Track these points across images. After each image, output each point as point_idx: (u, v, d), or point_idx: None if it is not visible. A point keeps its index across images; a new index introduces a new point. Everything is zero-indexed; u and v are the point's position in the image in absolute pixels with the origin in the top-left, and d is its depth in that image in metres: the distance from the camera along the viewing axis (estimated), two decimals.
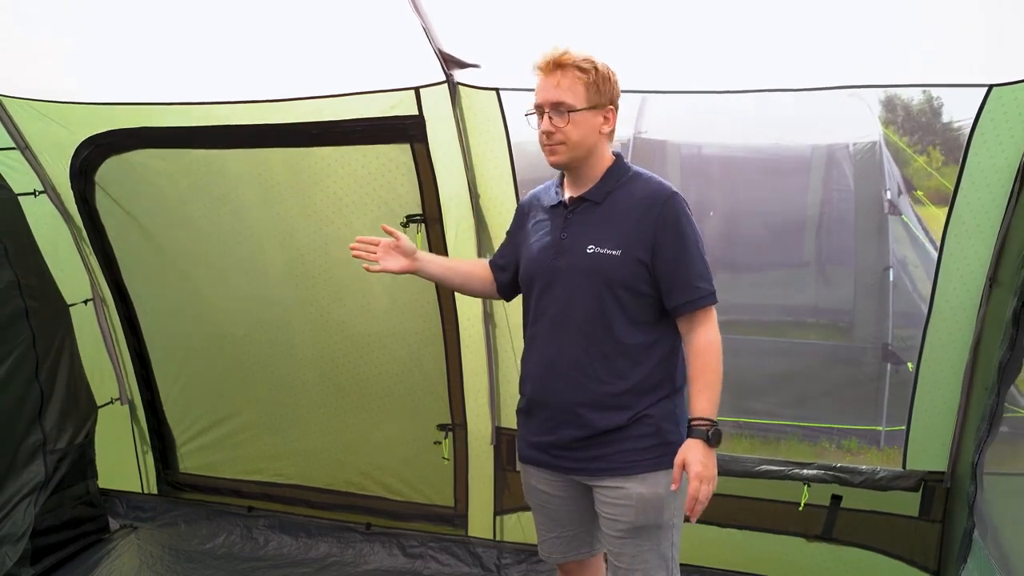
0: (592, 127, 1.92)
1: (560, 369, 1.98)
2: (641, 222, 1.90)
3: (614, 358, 1.94)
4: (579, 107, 1.88)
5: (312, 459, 3.38)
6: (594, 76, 1.88)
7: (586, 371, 1.95)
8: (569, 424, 1.99)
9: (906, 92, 7.87)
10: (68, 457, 3.23)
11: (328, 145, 2.73)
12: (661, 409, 1.96)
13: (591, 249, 1.92)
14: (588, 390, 1.96)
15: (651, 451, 1.93)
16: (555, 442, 2.03)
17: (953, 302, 2.47)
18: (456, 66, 2.44)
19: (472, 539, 3.22)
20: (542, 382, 2.04)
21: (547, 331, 2.01)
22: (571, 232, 1.97)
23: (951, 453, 2.61)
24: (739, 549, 2.93)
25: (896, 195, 4.78)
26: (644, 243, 1.89)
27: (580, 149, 1.92)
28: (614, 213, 1.94)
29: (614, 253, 1.90)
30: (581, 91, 1.88)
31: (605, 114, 1.93)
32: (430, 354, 3.02)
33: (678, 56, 2.33)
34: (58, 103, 2.84)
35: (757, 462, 2.87)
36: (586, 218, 1.97)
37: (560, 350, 1.98)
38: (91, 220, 3.19)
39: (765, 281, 4.95)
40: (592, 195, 1.97)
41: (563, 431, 2.01)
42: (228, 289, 3.19)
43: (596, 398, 1.95)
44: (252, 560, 3.32)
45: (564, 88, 1.87)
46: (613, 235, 1.92)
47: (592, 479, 2.02)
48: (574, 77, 1.87)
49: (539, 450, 2.09)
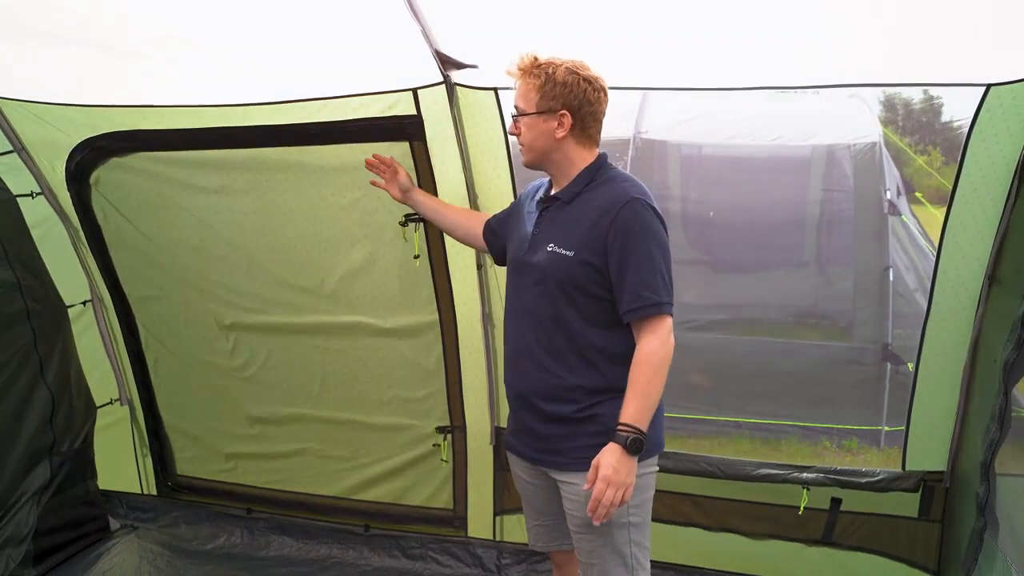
0: (543, 131, 1.98)
1: (520, 358, 2.10)
2: (596, 226, 1.95)
3: (567, 354, 2.01)
4: (528, 111, 1.97)
5: (311, 461, 3.38)
6: (544, 80, 1.95)
7: (538, 362, 2.04)
8: (528, 412, 2.10)
9: (906, 92, 7.88)
10: (69, 458, 3.23)
11: (326, 144, 2.73)
12: (612, 408, 1.95)
13: (550, 248, 2.00)
14: (540, 380, 2.05)
15: (599, 449, 1.92)
16: (521, 429, 2.16)
17: (952, 301, 2.47)
18: (453, 67, 2.44)
19: (472, 540, 3.22)
20: (511, 369, 2.17)
21: (514, 320, 2.14)
22: (540, 229, 2.07)
23: (950, 453, 2.61)
24: (738, 553, 2.93)
25: (896, 195, 4.78)
26: (596, 247, 1.94)
27: (534, 151, 2.02)
28: (576, 215, 2.00)
29: (567, 254, 1.97)
30: (533, 96, 1.96)
31: (558, 119, 1.97)
32: (429, 355, 3.01)
33: (678, 54, 2.32)
34: (53, 105, 2.84)
35: (757, 466, 2.87)
36: (554, 217, 2.05)
37: (521, 340, 2.09)
38: (88, 222, 3.18)
39: (765, 281, 4.96)
40: (562, 195, 2.05)
41: (526, 419, 2.12)
42: (226, 290, 3.19)
43: (546, 389, 2.04)
44: (252, 560, 3.32)
45: (520, 93, 1.99)
46: (570, 236, 1.98)
47: (553, 471, 2.11)
48: (528, 83, 1.97)
49: (514, 437, 2.21)
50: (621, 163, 4.81)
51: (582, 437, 2.01)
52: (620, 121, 5.05)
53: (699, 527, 2.95)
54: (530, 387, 2.08)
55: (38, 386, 3.08)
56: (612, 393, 1.97)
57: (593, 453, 1.91)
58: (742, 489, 2.85)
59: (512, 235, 2.21)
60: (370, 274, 2.96)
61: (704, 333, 4.94)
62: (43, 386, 3.09)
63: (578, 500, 2.00)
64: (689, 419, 4.83)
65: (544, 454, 2.10)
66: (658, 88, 2.67)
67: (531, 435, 2.11)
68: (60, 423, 3.15)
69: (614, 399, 1.95)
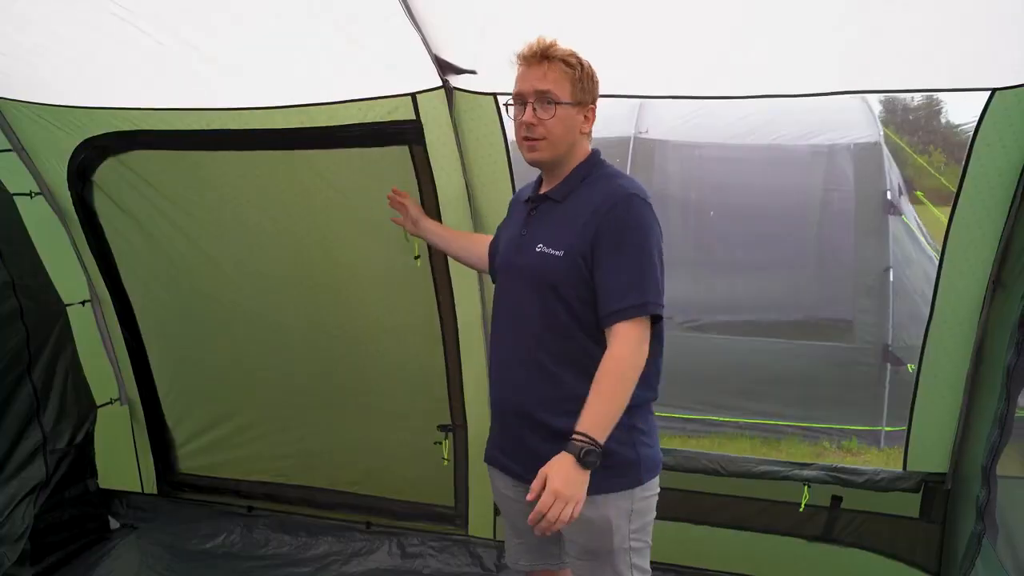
0: (574, 124, 1.86)
1: (512, 368, 1.93)
2: (589, 224, 1.81)
3: (562, 362, 1.85)
4: (564, 101, 1.81)
5: (312, 459, 3.38)
6: (580, 73, 1.83)
7: (532, 372, 1.88)
8: (524, 426, 1.93)
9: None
10: (68, 457, 3.23)
11: (327, 148, 2.72)
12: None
13: (539, 248, 1.86)
14: (535, 391, 1.89)
15: (598, 472, 1.72)
16: (514, 446, 1.98)
17: (955, 304, 2.47)
18: (452, 72, 2.43)
19: (472, 538, 3.22)
20: (500, 381, 2.00)
21: (502, 329, 1.98)
22: (529, 230, 1.92)
23: (952, 455, 2.61)
24: (738, 550, 2.93)
25: (896, 195, 4.78)
26: (587, 245, 1.80)
27: (561, 146, 1.86)
28: (569, 213, 1.86)
29: (557, 254, 1.83)
30: (567, 86, 1.81)
31: (586, 113, 1.88)
32: (430, 354, 3.01)
33: (678, 61, 2.31)
34: (55, 107, 2.83)
35: (757, 462, 2.87)
36: (545, 217, 1.91)
37: (512, 349, 1.93)
38: (89, 221, 3.18)
39: (765, 281, 4.95)
40: (554, 193, 1.91)
41: (520, 433, 1.94)
42: (227, 290, 3.18)
43: (542, 400, 1.88)
44: (252, 559, 3.31)
45: (551, 80, 1.80)
46: (561, 235, 1.84)
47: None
48: (561, 71, 1.81)
49: (502, 453, 2.04)
50: (620, 163, 4.80)
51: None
52: (620, 121, 5.05)
53: (699, 524, 2.95)
54: (526, 399, 1.90)
55: (24, 383, 3.06)
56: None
57: (600, 472, 1.73)
58: (743, 486, 2.85)
59: (501, 241, 2.08)
60: (371, 274, 2.96)
61: (703, 333, 4.95)
62: (28, 383, 3.07)
63: (577, 525, 1.77)
64: (688, 419, 4.84)
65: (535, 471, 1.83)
66: (658, 96, 2.66)
67: (528, 453, 1.90)
68: (50, 421, 3.13)
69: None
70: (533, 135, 1.83)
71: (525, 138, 1.85)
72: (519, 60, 1.85)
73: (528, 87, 1.82)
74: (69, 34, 2.28)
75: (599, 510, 1.84)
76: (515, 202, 2.13)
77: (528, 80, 1.82)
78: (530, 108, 1.82)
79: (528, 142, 1.85)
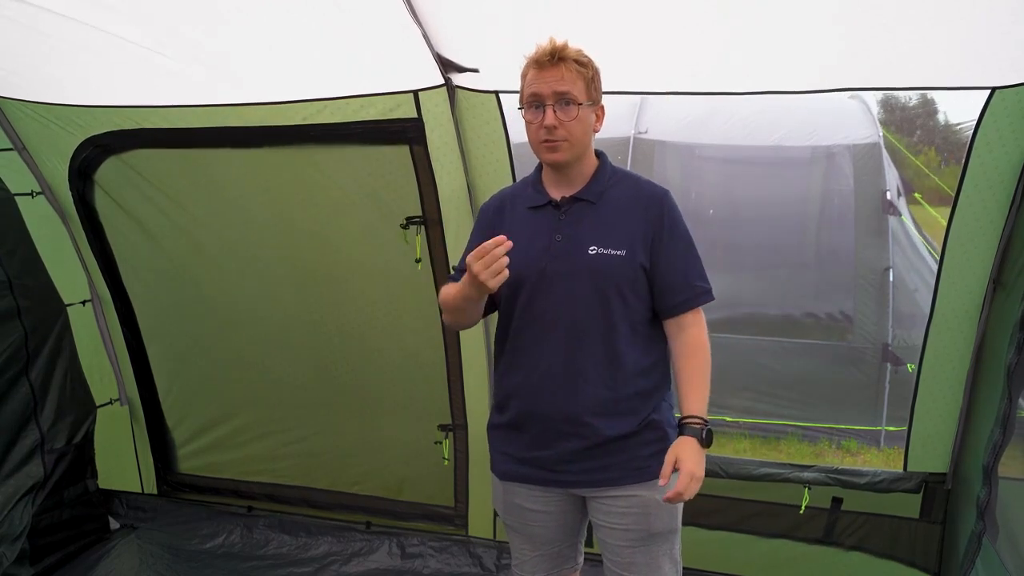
0: (590, 124, 1.86)
1: (559, 378, 1.88)
2: (642, 222, 1.86)
3: (619, 362, 1.87)
4: (582, 101, 1.80)
5: (312, 459, 3.38)
6: (591, 73, 1.83)
7: (589, 377, 1.86)
8: (571, 435, 1.90)
9: (905, 93, 7.88)
10: (67, 457, 3.23)
11: (329, 144, 2.72)
12: (663, 413, 1.94)
13: (593, 250, 1.84)
14: (593, 397, 1.87)
15: (659, 456, 1.83)
16: (554, 456, 1.93)
17: (956, 304, 2.47)
18: (454, 70, 2.43)
19: (472, 539, 3.22)
20: (537, 394, 1.92)
21: (539, 339, 1.90)
22: (566, 233, 1.88)
23: (953, 455, 2.61)
24: (739, 552, 2.93)
25: (896, 196, 4.78)
26: (645, 243, 1.86)
27: (580, 146, 1.85)
28: (612, 213, 1.87)
29: (619, 253, 1.84)
30: (582, 86, 1.80)
31: (597, 111, 1.89)
32: (430, 354, 3.01)
33: (678, 58, 2.32)
34: (56, 105, 2.83)
35: (757, 464, 2.87)
36: (582, 218, 1.88)
37: (558, 357, 1.88)
38: (90, 221, 3.18)
39: (765, 281, 4.95)
40: (586, 194, 1.89)
41: (564, 443, 1.91)
42: (227, 289, 3.18)
43: (602, 405, 1.87)
44: (252, 560, 3.31)
45: (568, 81, 1.78)
46: (616, 235, 1.85)
47: (596, 490, 1.94)
48: (575, 71, 1.79)
49: (532, 466, 1.98)
50: (619, 163, 4.79)
51: (638, 447, 1.90)
52: (619, 121, 5.04)
53: (699, 526, 2.94)
54: (580, 407, 1.88)
55: (21, 383, 3.06)
56: (658, 395, 1.94)
57: (651, 462, 1.86)
58: (743, 488, 2.85)
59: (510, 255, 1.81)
60: (372, 274, 2.96)
61: None
62: (26, 383, 3.07)
63: (639, 512, 1.91)
64: None
65: (590, 473, 1.92)
66: (658, 93, 2.65)
67: (570, 459, 1.91)
68: (48, 420, 3.13)
69: (663, 400, 1.95)
70: (555, 137, 1.81)
71: (546, 140, 1.82)
72: (531, 63, 1.83)
73: (546, 89, 1.79)
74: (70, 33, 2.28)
75: (663, 491, 1.84)
76: (506, 209, 2.00)
77: (545, 82, 1.79)
78: (550, 110, 1.79)
79: (549, 143, 1.82)
